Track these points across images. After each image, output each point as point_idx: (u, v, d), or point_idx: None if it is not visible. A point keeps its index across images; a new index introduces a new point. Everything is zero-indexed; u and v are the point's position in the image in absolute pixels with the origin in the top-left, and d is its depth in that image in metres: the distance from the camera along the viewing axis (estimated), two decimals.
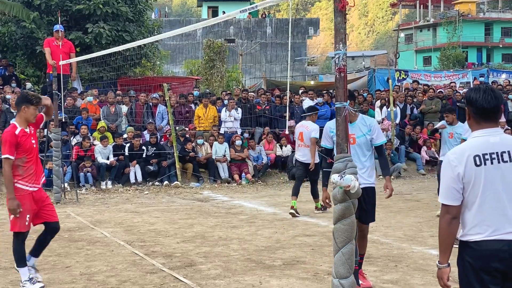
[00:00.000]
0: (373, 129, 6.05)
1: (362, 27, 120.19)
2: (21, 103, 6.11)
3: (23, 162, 5.98)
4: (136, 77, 21.68)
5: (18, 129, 6.01)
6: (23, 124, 6.10)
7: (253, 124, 17.05)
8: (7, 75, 18.61)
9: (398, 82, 23.27)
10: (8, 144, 5.91)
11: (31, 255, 6.26)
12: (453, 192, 3.38)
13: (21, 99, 6.17)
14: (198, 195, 13.55)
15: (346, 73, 4.47)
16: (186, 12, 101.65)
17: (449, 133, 10.01)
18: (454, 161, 3.39)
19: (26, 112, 6.09)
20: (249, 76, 33.06)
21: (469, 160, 3.36)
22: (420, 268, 6.82)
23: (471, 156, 3.36)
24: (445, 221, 3.41)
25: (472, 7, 65.31)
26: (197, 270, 6.77)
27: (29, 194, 5.98)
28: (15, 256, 6.07)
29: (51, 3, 18.48)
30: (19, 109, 6.14)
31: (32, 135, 6.16)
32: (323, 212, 10.83)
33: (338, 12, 4.38)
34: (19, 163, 5.97)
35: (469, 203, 3.39)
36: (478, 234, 3.34)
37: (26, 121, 6.12)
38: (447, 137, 10.02)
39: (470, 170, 3.35)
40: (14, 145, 5.92)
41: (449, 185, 3.39)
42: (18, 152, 5.96)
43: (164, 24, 34.47)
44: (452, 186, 3.38)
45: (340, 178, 4.28)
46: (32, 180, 6.03)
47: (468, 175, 3.35)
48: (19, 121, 6.12)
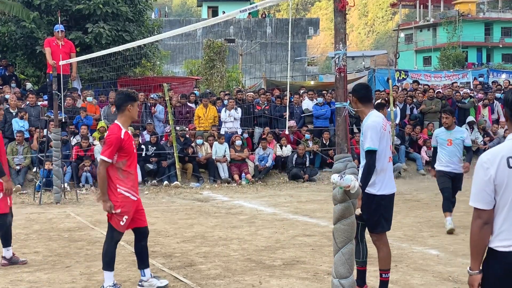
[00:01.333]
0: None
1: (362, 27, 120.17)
2: (126, 102, 5.84)
3: (124, 165, 5.79)
4: (136, 77, 21.68)
5: (123, 131, 5.78)
6: (126, 124, 5.90)
7: (252, 124, 17.05)
8: (7, 75, 18.61)
9: (398, 82, 23.27)
10: (112, 148, 5.70)
11: (141, 269, 6.12)
12: (484, 196, 3.23)
13: (125, 97, 5.87)
14: (198, 195, 13.55)
15: (346, 73, 4.47)
16: (186, 12, 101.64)
17: (447, 139, 9.01)
18: (487, 162, 3.24)
19: (131, 110, 5.85)
20: (249, 76, 33.05)
21: (502, 162, 3.21)
22: (420, 268, 6.82)
23: (505, 158, 3.21)
24: (476, 226, 3.24)
25: (472, 7, 65.30)
26: (197, 270, 6.77)
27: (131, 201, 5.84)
28: (106, 258, 5.86)
29: (51, 3, 18.47)
30: (123, 109, 5.85)
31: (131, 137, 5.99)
32: None
33: (338, 12, 4.38)
34: (120, 166, 5.79)
35: (500, 207, 3.23)
36: (506, 241, 3.19)
37: (130, 120, 5.94)
38: (445, 144, 9.00)
39: (502, 172, 3.20)
40: (117, 148, 5.73)
41: (481, 188, 3.23)
42: (120, 155, 5.76)
43: (164, 24, 34.45)
44: (483, 189, 3.22)
45: (340, 178, 4.28)
46: (133, 187, 5.86)
47: (500, 177, 3.20)
48: (123, 121, 5.88)
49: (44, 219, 10.30)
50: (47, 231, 9.23)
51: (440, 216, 10.42)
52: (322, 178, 15.90)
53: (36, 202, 12.45)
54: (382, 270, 5.62)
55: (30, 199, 12.93)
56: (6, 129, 14.62)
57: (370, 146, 5.40)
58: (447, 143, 9.01)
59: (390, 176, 5.64)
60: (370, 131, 5.44)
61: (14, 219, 10.35)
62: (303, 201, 12.53)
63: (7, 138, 14.46)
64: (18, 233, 9.08)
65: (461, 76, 25.88)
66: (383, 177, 5.53)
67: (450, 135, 9.04)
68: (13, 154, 14.05)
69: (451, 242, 8.25)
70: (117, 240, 5.93)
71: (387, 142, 5.62)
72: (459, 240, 8.26)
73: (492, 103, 19.41)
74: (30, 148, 14.43)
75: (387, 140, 5.60)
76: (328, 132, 16.79)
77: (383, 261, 5.61)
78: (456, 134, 9.06)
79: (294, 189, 14.50)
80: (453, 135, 9.04)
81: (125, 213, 5.82)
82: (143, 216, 6.11)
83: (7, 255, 7.20)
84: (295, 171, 15.63)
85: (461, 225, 9.02)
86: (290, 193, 13.86)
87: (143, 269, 6.11)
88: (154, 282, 6.07)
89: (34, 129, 14.82)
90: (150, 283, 6.07)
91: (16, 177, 13.75)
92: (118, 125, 5.83)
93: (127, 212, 5.83)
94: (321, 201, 12.30)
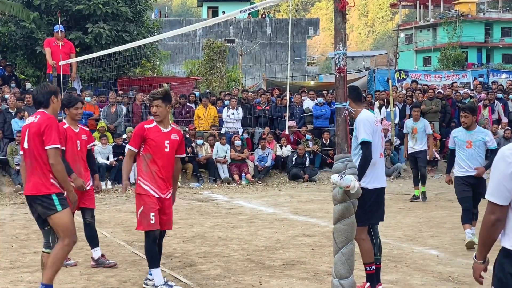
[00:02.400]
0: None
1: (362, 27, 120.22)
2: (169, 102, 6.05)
3: (149, 159, 5.87)
4: (136, 77, 21.66)
5: (151, 124, 5.95)
6: (163, 123, 5.99)
7: (253, 124, 17.05)
8: (6, 75, 18.60)
9: (398, 82, 23.25)
10: (134, 136, 5.94)
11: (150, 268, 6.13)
12: (502, 191, 3.09)
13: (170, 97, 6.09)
14: (198, 195, 13.55)
15: (346, 73, 4.48)
16: (186, 12, 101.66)
17: (466, 141, 8.00)
18: (510, 156, 3.09)
19: (169, 110, 6.08)
20: (249, 76, 33.05)
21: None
22: (420, 268, 6.82)
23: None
24: (489, 221, 3.15)
25: (472, 7, 65.32)
26: (197, 270, 6.77)
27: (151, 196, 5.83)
28: (147, 257, 5.94)
29: (51, 3, 18.46)
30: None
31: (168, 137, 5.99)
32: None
33: (338, 12, 4.38)
34: (145, 158, 5.90)
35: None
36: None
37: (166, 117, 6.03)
38: (464, 146, 7.99)
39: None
40: (140, 138, 5.87)
41: (500, 182, 3.09)
42: (145, 147, 5.88)
43: (164, 24, 34.46)
44: (503, 184, 3.08)
45: (340, 178, 4.28)
46: (154, 183, 5.85)
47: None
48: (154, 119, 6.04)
49: None
50: None
51: (440, 216, 10.43)
52: (322, 178, 15.90)
53: None
54: (366, 264, 5.71)
55: None
56: (5, 129, 14.62)
57: (364, 137, 5.54)
58: (466, 145, 7.99)
59: (381, 170, 5.78)
60: (362, 124, 5.60)
61: (14, 219, 10.38)
62: (303, 201, 12.53)
63: (7, 138, 14.47)
64: (18, 233, 9.08)
65: (461, 76, 25.87)
66: (373, 171, 5.65)
67: (469, 136, 7.99)
68: (13, 154, 14.04)
69: (451, 242, 8.25)
70: (154, 237, 5.88)
71: (379, 137, 5.78)
72: (459, 240, 8.26)
73: (492, 103, 19.39)
74: None
75: (379, 135, 5.78)
76: (328, 132, 16.79)
77: (365, 255, 5.69)
78: (477, 135, 8.01)
79: (294, 189, 14.50)
80: (473, 136, 7.99)
81: (149, 209, 5.79)
82: (169, 219, 6.05)
83: (95, 255, 6.98)
84: (295, 171, 15.63)
85: (460, 225, 8.99)
86: (290, 193, 13.86)
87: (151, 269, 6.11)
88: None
89: None
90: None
91: (16, 177, 13.74)
92: (150, 119, 6.11)
93: (151, 209, 5.79)
94: (321, 201, 12.30)
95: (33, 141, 5.26)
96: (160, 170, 5.89)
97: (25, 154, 5.37)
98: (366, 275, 5.73)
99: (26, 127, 5.39)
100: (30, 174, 5.27)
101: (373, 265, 5.72)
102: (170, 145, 5.97)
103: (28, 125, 5.37)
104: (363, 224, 5.56)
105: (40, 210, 5.30)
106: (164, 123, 6.01)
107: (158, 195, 5.89)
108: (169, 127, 6.05)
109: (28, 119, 5.47)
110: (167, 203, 6.00)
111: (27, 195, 5.36)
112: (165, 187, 5.95)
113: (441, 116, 18.07)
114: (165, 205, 5.97)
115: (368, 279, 5.70)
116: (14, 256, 7.60)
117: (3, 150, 14.23)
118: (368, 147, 5.52)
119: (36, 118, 5.32)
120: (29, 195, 5.31)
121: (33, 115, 5.47)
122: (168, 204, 6.02)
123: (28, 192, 5.30)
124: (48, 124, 5.23)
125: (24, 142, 5.36)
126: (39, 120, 5.29)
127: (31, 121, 5.35)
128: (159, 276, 5.88)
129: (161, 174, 5.90)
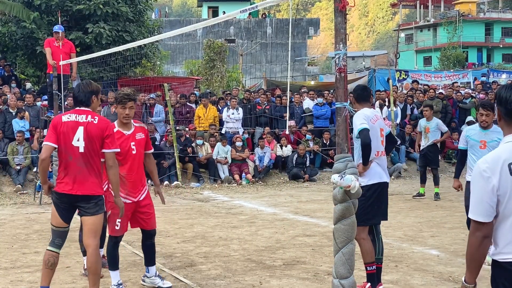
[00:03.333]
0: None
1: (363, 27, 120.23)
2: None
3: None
4: (136, 77, 21.68)
5: (115, 129, 5.73)
6: (126, 125, 5.89)
7: (253, 124, 17.05)
8: (6, 75, 18.62)
9: (398, 82, 23.26)
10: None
11: (146, 265, 6.15)
12: (486, 208, 2.94)
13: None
14: (198, 195, 13.55)
15: (346, 73, 4.47)
16: (186, 12, 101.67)
17: (481, 141, 7.16)
18: (487, 171, 2.95)
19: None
20: (249, 76, 33.09)
21: (503, 169, 2.93)
22: (421, 268, 6.82)
23: (506, 164, 2.93)
24: (475, 240, 2.98)
25: (473, 7, 65.34)
26: (197, 270, 6.77)
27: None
28: (108, 259, 5.96)
29: (51, 3, 18.48)
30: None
31: (133, 138, 5.89)
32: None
33: (338, 12, 4.38)
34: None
35: (504, 218, 2.96)
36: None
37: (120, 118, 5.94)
38: (477, 147, 7.18)
39: (505, 180, 2.92)
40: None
41: (482, 199, 2.95)
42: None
43: (164, 24, 34.46)
44: (485, 201, 2.94)
45: (341, 178, 4.28)
46: (124, 189, 5.77)
47: (503, 186, 2.93)
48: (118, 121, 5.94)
49: (45, 219, 10.28)
50: (47, 231, 9.20)
51: (441, 216, 10.43)
52: (322, 178, 15.90)
53: (36, 202, 12.45)
54: (367, 263, 5.70)
55: (30, 199, 12.93)
56: (6, 129, 14.62)
57: (360, 127, 5.52)
58: (480, 146, 7.11)
59: (379, 167, 5.73)
60: (357, 118, 5.63)
61: (14, 219, 10.39)
62: (303, 201, 12.53)
63: (7, 138, 14.47)
64: (19, 233, 9.08)
65: (462, 76, 25.89)
66: (370, 170, 5.64)
67: (484, 136, 7.13)
68: (14, 154, 14.05)
69: (452, 242, 8.24)
70: (115, 241, 5.91)
71: (377, 137, 5.74)
72: (460, 240, 8.26)
73: (493, 103, 19.36)
74: (30, 148, 14.43)
75: (376, 135, 5.72)
76: (329, 132, 16.78)
77: (366, 255, 5.68)
78: (493, 134, 7.09)
79: (294, 189, 14.50)
80: (488, 135, 7.12)
81: (115, 215, 5.74)
82: (150, 219, 6.02)
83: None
84: (296, 171, 15.63)
85: (461, 225, 9.01)
86: (290, 193, 13.86)
87: (148, 266, 6.14)
88: (156, 281, 6.07)
89: (34, 129, 14.82)
90: (152, 280, 6.08)
91: (16, 177, 13.75)
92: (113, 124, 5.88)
93: (117, 215, 5.70)
94: (321, 201, 12.30)
95: (93, 142, 5.18)
96: (128, 174, 5.81)
97: (74, 153, 5.18)
98: (367, 275, 5.72)
99: (79, 124, 5.19)
100: (88, 174, 5.17)
101: (374, 265, 5.71)
102: (136, 146, 5.88)
103: (84, 124, 5.20)
104: (363, 224, 5.55)
105: (90, 209, 5.19)
106: (127, 125, 5.90)
107: (130, 200, 5.83)
108: (131, 128, 5.92)
109: (79, 116, 5.24)
110: (143, 203, 5.94)
111: (82, 194, 5.16)
112: (137, 190, 5.89)
113: (442, 116, 18.06)
114: (141, 206, 5.92)
115: (369, 279, 5.70)
116: (14, 256, 7.59)
117: (4, 150, 14.24)
118: (365, 134, 5.47)
119: (95, 120, 5.22)
120: (86, 194, 5.17)
121: (82, 113, 5.26)
122: (145, 204, 5.95)
123: (85, 192, 5.16)
124: (110, 127, 5.29)
125: (76, 141, 5.18)
126: (100, 122, 5.23)
127: (89, 121, 5.21)
128: (115, 278, 5.88)
129: (130, 178, 5.82)
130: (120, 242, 6.02)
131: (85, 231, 5.30)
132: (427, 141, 12.59)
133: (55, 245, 5.30)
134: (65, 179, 5.19)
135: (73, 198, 5.18)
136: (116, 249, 5.95)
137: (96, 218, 5.24)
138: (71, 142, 5.18)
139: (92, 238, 5.24)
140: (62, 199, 5.21)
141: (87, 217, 5.23)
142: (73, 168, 5.17)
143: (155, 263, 6.21)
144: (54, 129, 5.24)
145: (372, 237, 5.74)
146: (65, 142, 5.20)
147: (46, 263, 5.29)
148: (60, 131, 5.21)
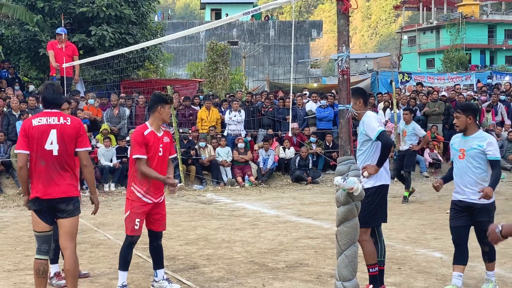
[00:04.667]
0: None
1: (365, 30, 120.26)
2: (156, 104, 5.97)
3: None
4: (139, 79, 21.69)
5: (147, 130, 5.89)
6: (155, 125, 5.97)
7: (256, 127, 17.05)
8: (9, 78, 18.65)
9: (401, 84, 23.24)
10: (135, 144, 5.84)
11: (154, 269, 6.17)
12: None
13: (156, 99, 6.01)
14: (201, 197, 13.55)
15: (349, 75, 4.48)
16: (189, 15, 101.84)
17: (460, 150, 5.98)
18: None
19: (162, 112, 5.97)
20: (252, 79, 33.08)
21: None
22: (424, 270, 6.81)
23: None
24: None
25: (476, 9, 65.26)
26: (200, 273, 6.77)
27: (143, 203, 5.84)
28: (120, 257, 5.99)
29: (55, 6, 18.51)
30: (153, 110, 5.98)
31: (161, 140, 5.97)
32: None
33: (341, 14, 4.38)
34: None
35: None
36: None
37: (160, 121, 6.01)
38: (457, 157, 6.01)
39: None
40: (141, 145, 5.79)
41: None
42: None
43: (167, 26, 34.55)
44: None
45: (344, 180, 4.28)
46: (148, 190, 5.85)
47: None
48: (151, 122, 5.99)
49: None
50: None
51: (443, 218, 10.38)
52: (325, 180, 15.89)
53: None
54: (369, 265, 5.70)
55: None
56: (9, 131, 14.65)
57: (378, 129, 5.56)
58: (459, 155, 5.98)
59: (384, 170, 5.74)
60: (371, 121, 5.63)
61: (17, 222, 10.40)
62: (306, 203, 12.52)
63: (11, 140, 14.50)
64: (22, 236, 9.09)
65: (465, 79, 25.85)
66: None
67: (463, 143, 5.97)
68: (17, 157, 14.06)
69: None
70: (131, 241, 5.93)
71: None
72: None
73: (495, 105, 19.36)
74: None
75: None
76: (331, 134, 16.78)
77: (368, 256, 5.68)
78: (472, 141, 5.91)
79: (297, 191, 14.49)
80: (467, 143, 5.94)
81: (135, 215, 5.83)
82: (162, 220, 6.08)
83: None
84: (298, 173, 15.62)
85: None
86: (293, 195, 13.86)
87: (157, 269, 6.14)
88: (164, 285, 6.07)
89: None
90: (160, 284, 6.07)
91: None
92: (145, 124, 6.01)
93: (137, 214, 5.83)
94: (324, 203, 12.29)
95: (68, 143, 5.17)
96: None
97: (46, 156, 5.14)
98: (369, 277, 5.72)
99: (51, 127, 5.16)
100: (62, 177, 5.15)
101: (376, 266, 5.71)
102: (163, 148, 5.99)
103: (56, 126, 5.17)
104: (366, 226, 5.55)
105: (68, 211, 5.18)
106: (159, 127, 6.04)
107: (151, 201, 5.93)
108: (161, 130, 6.06)
109: (50, 119, 5.20)
110: (161, 205, 6.06)
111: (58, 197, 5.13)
112: (159, 192, 5.99)
113: (444, 118, 18.07)
114: (157, 207, 6.02)
115: (371, 281, 5.69)
116: (17, 258, 7.60)
117: (7, 152, 14.26)
118: (386, 136, 5.55)
119: (68, 121, 5.20)
120: (62, 197, 5.15)
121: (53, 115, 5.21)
122: (161, 205, 6.07)
123: (61, 194, 5.14)
124: (83, 126, 5.28)
125: (50, 144, 5.14)
126: (72, 123, 5.22)
127: (62, 123, 5.19)
128: (122, 278, 5.91)
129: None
130: (135, 244, 6.02)
131: (62, 234, 5.25)
132: (404, 144, 12.66)
133: (42, 252, 5.27)
134: (39, 184, 5.16)
135: (50, 202, 5.17)
136: (131, 249, 5.99)
137: (74, 220, 5.26)
138: (44, 146, 5.15)
139: (69, 240, 5.25)
140: (41, 204, 5.18)
141: (64, 219, 5.22)
142: (46, 173, 5.15)
143: (163, 266, 6.20)
144: (25, 134, 5.19)
145: (374, 239, 5.74)
146: (37, 147, 5.15)
147: (37, 272, 5.24)
148: (32, 136, 5.16)
